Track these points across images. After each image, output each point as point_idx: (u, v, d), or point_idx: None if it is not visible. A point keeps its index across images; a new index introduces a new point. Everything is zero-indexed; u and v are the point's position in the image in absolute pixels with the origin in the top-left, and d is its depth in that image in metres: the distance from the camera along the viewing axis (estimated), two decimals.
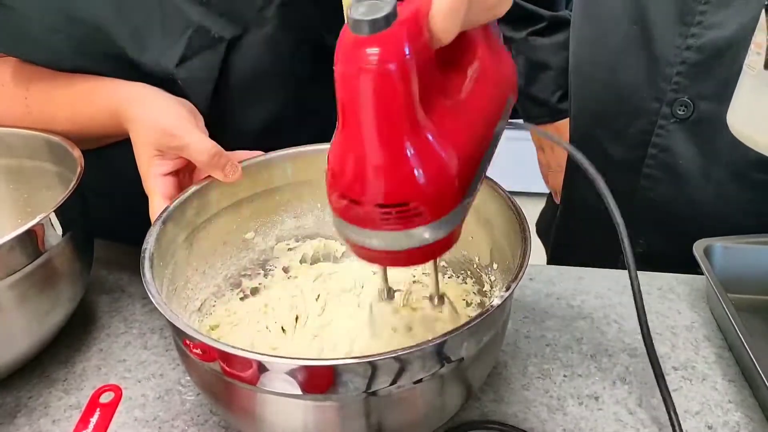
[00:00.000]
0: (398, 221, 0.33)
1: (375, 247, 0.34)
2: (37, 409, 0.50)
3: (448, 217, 0.34)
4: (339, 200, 0.34)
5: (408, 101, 0.31)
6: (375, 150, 0.32)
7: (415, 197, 0.32)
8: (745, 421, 0.48)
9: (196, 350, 0.37)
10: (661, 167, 0.66)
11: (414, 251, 0.35)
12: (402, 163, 0.32)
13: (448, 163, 0.33)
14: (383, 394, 0.37)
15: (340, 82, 0.31)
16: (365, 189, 0.32)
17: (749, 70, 0.43)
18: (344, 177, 0.33)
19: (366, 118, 0.31)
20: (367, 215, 0.33)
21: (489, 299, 0.53)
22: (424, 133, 0.32)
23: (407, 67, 0.30)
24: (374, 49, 0.30)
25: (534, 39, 0.93)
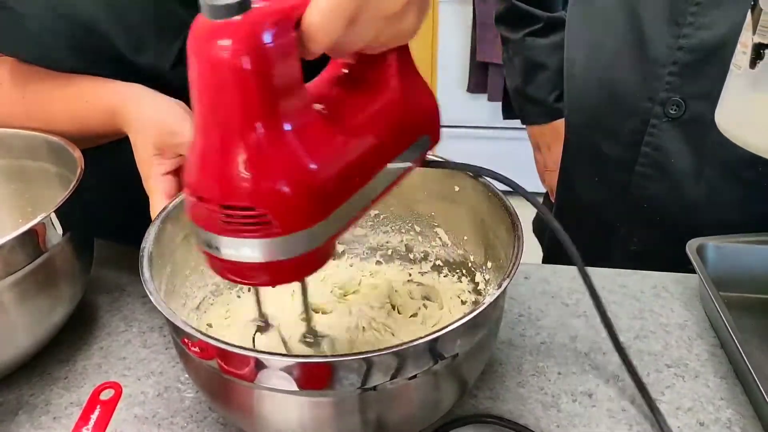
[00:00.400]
0: (244, 228, 0.30)
1: (222, 255, 0.32)
2: (39, 406, 0.50)
3: (301, 235, 0.31)
4: (189, 198, 0.32)
5: (260, 97, 0.29)
6: (220, 144, 0.30)
7: (261, 202, 0.30)
8: (736, 417, 0.48)
9: (195, 348, 0.37)
10: (654, 166, 0.67)
11: (265, 266, 0.32)
12: (249, 162, 0.29)
13: (305, 175, 0.30)
14: (379, 389, 0.37)
15: (191, 69, 0.29)
16: (212, 186, 0.30)
17: (736, 69, 0.44)
18: (193, 172, 0.31)
19: (214, 109, 0.29)
20: (213, 217, 0.31)
21: (484, 297, 0.53)
22: (282, 137, 0.30)
23: (260, 60, 0.28)
24: (225, 38, 0.28)
25: (531, 40, 0.94)
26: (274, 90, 0.29)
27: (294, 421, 0.39)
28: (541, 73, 0.95)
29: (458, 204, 0.52)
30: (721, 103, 0.46)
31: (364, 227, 0.59)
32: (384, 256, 0.60)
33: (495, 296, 0.38)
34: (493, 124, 2.09)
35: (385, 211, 0.58)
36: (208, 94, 0.29)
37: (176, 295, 0.48)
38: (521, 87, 0.99)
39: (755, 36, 0.42)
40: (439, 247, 0.57)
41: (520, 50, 0.96)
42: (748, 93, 0.43)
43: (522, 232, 0.44)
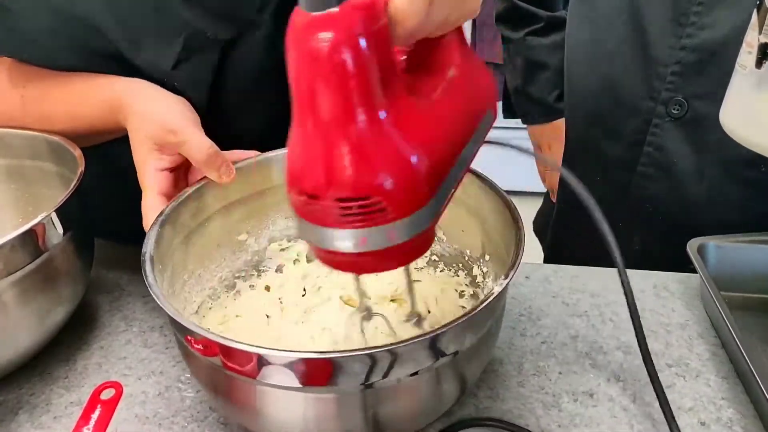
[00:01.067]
0: (360, 218, 0.31)
1: (338, 248, 0.32)
2: (39, 406, 0.50)
3: (414, 216, 0.32)
4: (298, 198, 0.32)
5: (364, 88, 0.29)
6: (333, 138, 0.30)
7: (376, 190, 0.30)
8: (737, 417, 0.48)
9: (198, 345, 0.38)
10: (656, 166, 0.67)
11: (380, 254, 0.32)
12: (363, 152, 0.30)
13: (411, 159, 0.31)
14: (381, 386, 0.37)
15: (291, 67, 0.30)
16: (323, 181, 0.30)
17: (741, 69, 0.44)
18: (301, 171, 0.31)
19: (322, 104, 0.29)
20: (328, 212, 0.31)
21: (482, 290, 0.53)
22: (383, 125, 0.30)
23: (361, 50, 0.28)
24: (324, 30, 0.28)
25: (532, 39, 0.94)
26: (375, 79, 0.30)
27: (296, 418, 0.39)
28: (542, 73, 0.95)
29: (454, 198, 0.52)
30: (725, 103, 0.46)
31: None
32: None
33: (504, 285, 0.39)
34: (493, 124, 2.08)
35: None
36: (311, 88, 0.29)
37: (176, 299, 0.48)
38: (522, 86, 0.99)
39: (761, 36, 0.41)
40: (435, 242, 0.57)
41: (520, 50, 0.96)
42: (753, 93, 0.43)
43: (522, 223, 0.44)
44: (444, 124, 0.35)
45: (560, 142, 0.94)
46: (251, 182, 0.54)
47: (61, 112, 0.57)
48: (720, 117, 0.47)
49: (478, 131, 0.39)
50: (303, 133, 0.31)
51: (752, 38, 0.42)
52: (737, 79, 0.45)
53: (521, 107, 1.02)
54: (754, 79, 0.43)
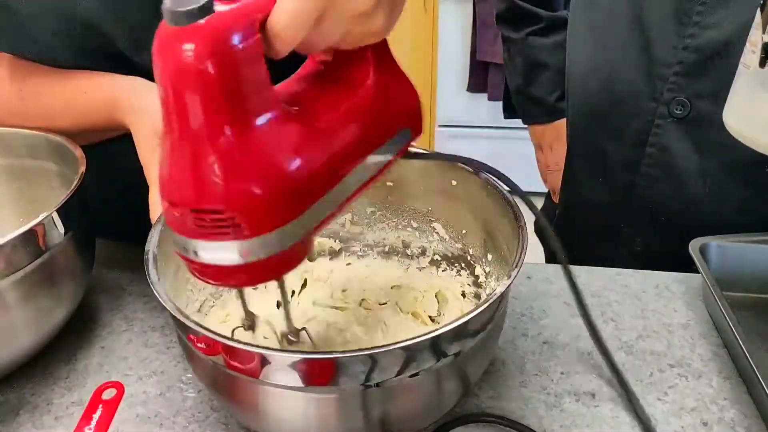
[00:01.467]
0: (214, 231, 0.31)
1: (196, 258, 0.32)
2: (40, 405, 0.50)
3: (272, 235, 0.31)
4: (163, 202, 0.32)
5: (225, 100, 0.29)
6: (189, 149, 0.30)
7: (229, 205, 0.30)
8: (740, 417, 0.48)
9: (200, 344, 0.38)
10: (659, 166, 0.67)
11: (238, 268, 0.32)
12: (215, 165, 0.29)
13: (274, 176, 0.31)
14: (383, 386, 0.37)
15: (156, 76, 0.29)
16: (179, 190, 0.31)
17: (744, 69, 0.44)
18: (163, 177, 0.31)
19: (180, 113, 0.29)
20: (184, 221, 0.31)
21: (484, 290, 0.53)
22: (248, 138, 0.30)
23: (222, 63, 0.28)
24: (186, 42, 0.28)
25: (533, 39, 0.94)
26: (241, 92, 0.29)
27: (298, 418, 0.39)
28: (543, 73, 0.95)
29: (456, 198, 0.52)
30: (729, 103, 0.46)
31: (360, 225, 0.59)
32: (381, 253, 0.60)
33: (507, 285, 0.38)
34: (494, 124, 2.09)
35: (381, 208, 0.58)
36: (174, 98, 0.29)
37: (178, 298, 0.48)
38: (522, 86, 0.99)
39: (765, 35, 0.41)
40: (437, 242, 0.57)
41: (521, 50, 0.96)
42: (757, 92, 0.43)
43: (525, 222, 0.44)
44: (328, 142, 0.33)
45: (561, 143, 0.94)
46: None
47: (60, 108, 0.56)
48: (723, 117, 0.47)
49: (382, 150, 0.38)
50: (167, 142, 0.31)
51: (756, 38, 0.42)
52: (741, 78, 0.45)
53: (522, 107, 1.02)
54: (757, 79, 0.43)
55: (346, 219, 0.59)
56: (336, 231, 0.60)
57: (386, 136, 0.38)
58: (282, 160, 0.31)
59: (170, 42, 0.28)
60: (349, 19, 0.31)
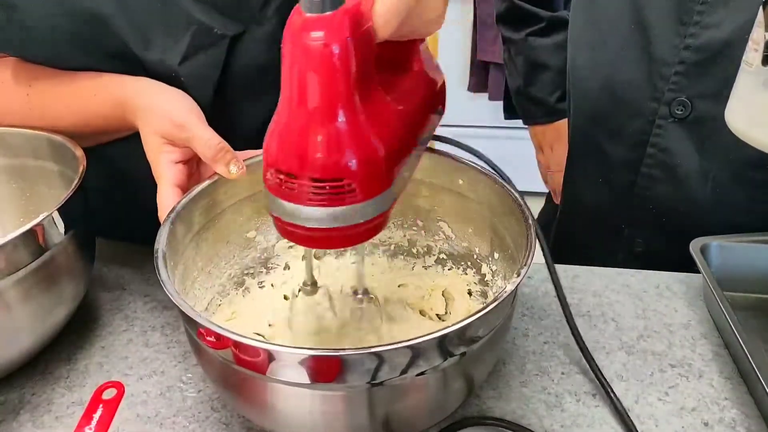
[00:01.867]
0: (332, 197, 0.35)
1: (306, 224, 0.36)
2: (41, 405, 0.50)
3: (377, 199, 0.36)
4: (275, 176, 0.35)
5: (349, 81, 0.33)
6: (315, 125, 0.33)
7: (349, 174, 0.34)
8: (741, 417, 0.48)
9: (210, 338, 0.38)
10: (660, 167, 0.66)
11: (342, 231, 0.36)
12: (339, 139, 0.34)
13: (379, 148, 0.35)
14: (388, 384, 0.37)
15: (285, 59, 0.33)
16: (302, 163, 0.34)
17: (747, 67, 0.44)
18: (282, 151, 0.35)
19: (309, 94, 0.33)
20: (302, 190, 0.35)
21: (491, 289, 0.53)
22: (360, 116, 0.34)
23: (348, 50, 0.32)
24: (319, 30, 0.32)
25: (533, 39, 0.94)
26: (359, 74, 0.33)
27: (304, 414, 0.39)
28: (543, 73, 0.95)
29: (463, 197, 0.52)
30: (731, 101, 0.46)
31: None
32: (387, 252, 0.60)
33: (516, 284, 0.39)
34: (494, 124, 2.08)
35: None
36: (301, 79, 0.33)
37: (186, 296, 0.48)
38: (523, 87, 0.99)
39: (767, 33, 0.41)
40: (442, 241, 0.57)
41: (521, 50, 0.95)
42: (759, 90, 0.43)
43: (533, 221, 0.44)
44: (404, 118, 0.38)
45: (562, 143, 0.94)
46: (260, 178, 0.54)
47: (67, 110, 0.56)
48: (725, 115, 0.46)
49: (430, 126, 0.43)
50: (287, 118, 0.34)
51: (758, 36, 0.42)
52: (743, 77, 0.45)
53: (522, 108, 1.02)
54: (759, 77, 0.43)
55: None
56: None
57: (432, 113, 0.43)
58: (384, 134, 0.36)
59: (302, 28, 0.32)
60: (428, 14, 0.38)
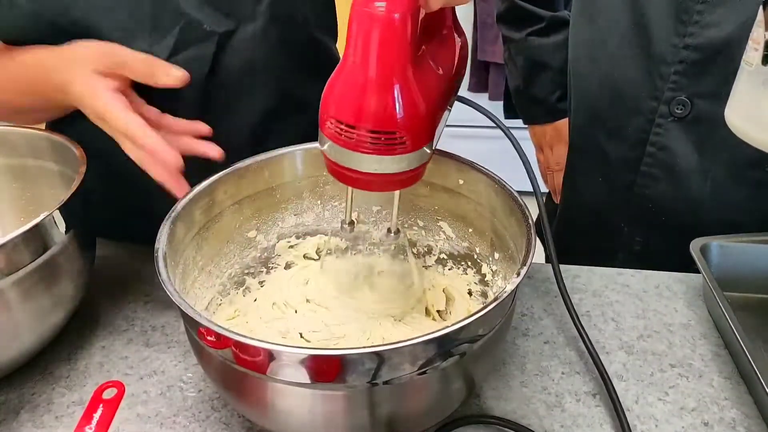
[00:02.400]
0: (385, 147, 0.40)
1: (360, 168, 0.41)
2: (41, 405, 0.50)
3: (421, 151, 0.41)
4: (336, 125, 0.40)
5: (406, 45, 0.38)
6: (377, 83, 0.38)
7: (402, 128, 0.39)
8: (740, 417, 0.48)
9: (210, 338, 0.38)
10: (659, 165, 0.66)
11: (391, 176, 0.41)
12: (396, 97, 0.38)
13: (426, 106, 0.40)
14: (389, 384, 0.37)
15: (352, 25, 0.37)
16: (363, 116, 0.39)
17: (747, 66, 0.44)
18: (344, 104, 0.39)
19: (373, 55, 0.38)
20: (360, 140, 0.39)
21: (491, 288, 0.53)
22: (413, 78, 0.39)
23: (407, 18, 0.37)
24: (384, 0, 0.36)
25: (533, 39, 0.94)
26: (414, 38, 0.38)
27: (305, 414, 0.39)
28: (544, 73, 0.95)
29: (463, 197, 0.53)
30: (731, 100, 0.46)
31: (367, 223, 0.60)
32: (388, 251, 0.60)
33: (517, 283, 0.39)
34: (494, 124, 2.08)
35: (387, 206, 0.58)
36: (365, 43, 0.38)
37: (187, 295, 0.48)
38: (523, 87, 0.98)
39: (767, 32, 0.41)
40: (443, 241, 0.57)
41: (522, 50, 0.95)
42: (758, 90, 0.43)
43: (533, 221, 0.44)
44: (441, 81, 0.43)
45: (562, 143, 0.94)
46: (261, 179, 0.54)
47: (6, 82, 0.56)
48: (725, 114, 0.46)
49: (457, 88, 0.48)
50: (350, 76, 0.39)
51: (758, 35, 0.42)
52: (743, 76, 0.45)
53: (522, 108, 1.02)
54: (759, 76, 0.43)
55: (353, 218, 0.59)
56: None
57: (460, 74, 0.48)
58: (428, 94, 0.40)
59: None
60: None
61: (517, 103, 1.03)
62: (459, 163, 0.51)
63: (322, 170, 0.56)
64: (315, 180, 0.57)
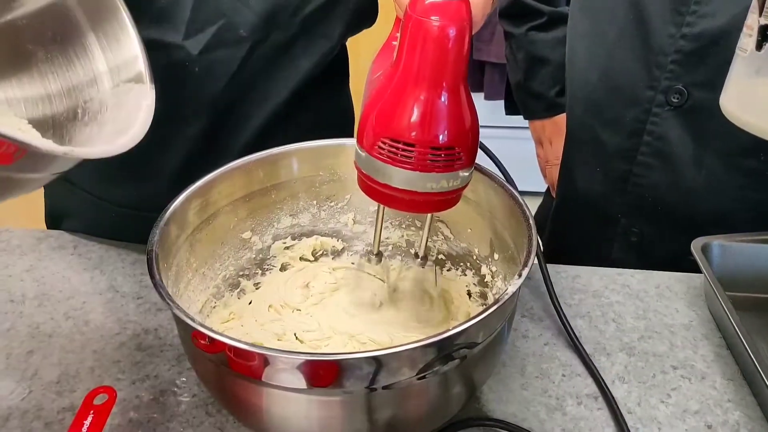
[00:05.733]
0: (445, 164, 0.39)
1: (422, 189, 0.39)
2: (30, 411, 0.49)
3: (473, 167, 0.42)
4: (392, 144, 0.38)
5: (464, 62, 0.37)
6: (431, 99, 0.37)
7: (461, 143, 0.39)
8: (744, 420, 0.48)
9: (203, 341, 0.37)
10: (655, 155, 0.66)
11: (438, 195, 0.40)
12: (459, 111, 0.38)
13: (477, 122, 0.40)
14: (388, 389, 0.36)
15: (406, 39, 0.37)
16: (423, 132, 0.38)
17: (741, 53, 0.43)
18: (400, 122, 0.38)
19: (432, 72, 0.37)
20: (419, 158, 0.38)
21: (491, 290, 0.52)
22: (466, 93, 0.39)
23: (465, 33, 0.37)
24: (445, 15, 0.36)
25: (534, 34, 0.94)
26: (466, 57, 0.38)
27: (301, 420, 0.39)
28: (544, 68, 0.94)
29: (462, 197, 0.51)
30: (726, 87, 0.46)
31: (364, 224, 0.59)
32: (385, 252, 0.59)
33: (518, 285, 0.38)
34: (491, 123, 2.07)
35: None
36: (422, 59, 0.37)
37: (180, 299, 0.47)
38: (523, 81, 0.98)
39: (761, 18, 0.41)
40: (441, 241, 0.57)
41: (522, 45, 0.95)
42: (752, 76, 0.43)
43: (534, 221, 0.43)
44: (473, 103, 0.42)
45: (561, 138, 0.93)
46: (256, 179, 0.53)
47: None
48: (720, 101, 0.46)
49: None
50: (410, 90, 0.38)
51: (752, 21, 0.42)
52: (737, 62, 0.44)
53: (522, 102, 1.02)
54: (754, 63, 0.42)
55: (348, 218, 0.58)
56: (338, 230, 0.59)
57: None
58: (472, 109, 0.40)
59: (426, 11, 0.37)
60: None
61: (517, 98, 1.03)
62: None
63: (318, 170, 0.55)
64: (311, 180, 0.56)
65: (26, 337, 0.56)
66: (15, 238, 0.68)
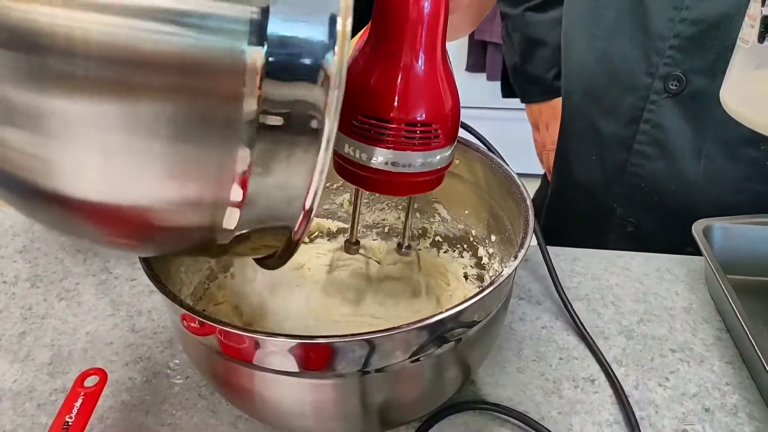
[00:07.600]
0: (420, 142, 0.36)
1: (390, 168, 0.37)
2: (22, 393, 0.49)
3: (453, 146, 0.38)
4: (363, 120, 0.36)
5: (439, 30, 0.35)
6: (416, 71, 0.35)
7: (439, 119, 0.36)
8: (742, 403, 0.47)
9: (194, 324, 0.36)
10: (652, 143, 0.65)
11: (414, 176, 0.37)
12: (435, 85, 0.36)
13: (457, 99, 0.38)
14: (382, 372, 0.36)
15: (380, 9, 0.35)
16: (397, 107, 0.35)
17: (743, 44, 0.42)
18: (371, 97, 0.36)
19: (407, 44, 0.35)
20: (394, 134, 0.36)
21: (487, 272, 0.52)
22: (445, 67, 0.37)
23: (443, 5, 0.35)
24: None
25: (530, 15, 0.92)
26: (444, 29, 0.36)
27: (293, 404, 0.38)
28: (540, 50, 0.93)
29: (459, 178, 0.51)
30: (726, 80, 0.44)
31: None
32: (381, 234, 0.58)
33: (514, 267, 0.37)
34: (492, 104, 2.05)
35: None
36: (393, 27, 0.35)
37: (172, 281, 0.46)
38: (520, 64, 0.97)
39: (764, 8, 0.39)
40: (438, 223, 0.56)
41: (519, 26, 0.93)
42: (753, 69, 0.41)
43: (531, 202, 0.42)
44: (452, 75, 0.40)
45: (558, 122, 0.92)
46: None
47: None
48: (720, 94, 0.45)
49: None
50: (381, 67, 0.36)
51: (755, 11, 0.40)
52: (738, 54, 0.43)
53: (519, 85, 1.00)
54: (756, 55, 0.41)
55: (344, 199, 0.57)
56: (334, 211, 0.58)
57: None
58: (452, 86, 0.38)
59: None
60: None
61: (513, 80, 1.01)
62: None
63: None
64: None
65: (19, 319, 0.55)
66: (8, 219, 0.68)
